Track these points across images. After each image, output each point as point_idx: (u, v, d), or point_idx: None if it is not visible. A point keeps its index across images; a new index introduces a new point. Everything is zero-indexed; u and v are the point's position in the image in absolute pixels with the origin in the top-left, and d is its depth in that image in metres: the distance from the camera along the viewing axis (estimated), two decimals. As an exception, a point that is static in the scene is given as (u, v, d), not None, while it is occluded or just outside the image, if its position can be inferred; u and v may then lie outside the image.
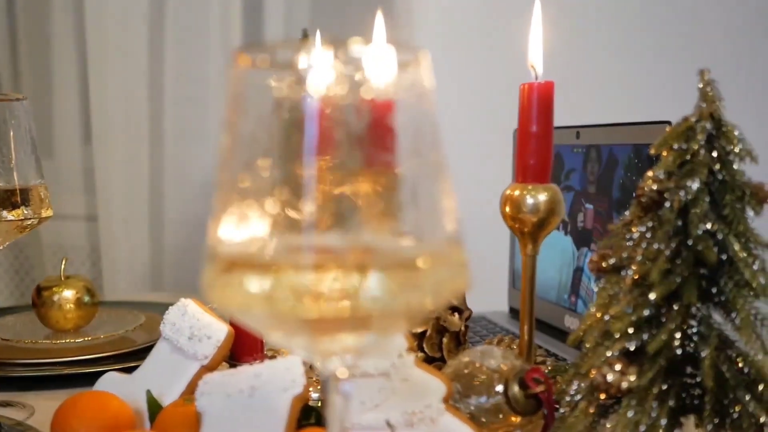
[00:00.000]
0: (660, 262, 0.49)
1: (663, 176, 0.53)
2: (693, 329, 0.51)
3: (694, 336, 0.51)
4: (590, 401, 0.53)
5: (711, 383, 0.48)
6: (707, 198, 0.51)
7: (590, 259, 0.55)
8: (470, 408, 0.57)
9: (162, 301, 0.94)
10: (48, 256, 1.56)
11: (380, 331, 0.36)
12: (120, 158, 1.50)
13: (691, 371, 0.51)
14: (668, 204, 0.51)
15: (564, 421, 0.53)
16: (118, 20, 1.47)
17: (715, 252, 0.50)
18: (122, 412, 0.58)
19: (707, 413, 0.49)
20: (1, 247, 0.70)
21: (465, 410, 0.57)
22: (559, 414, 0.54)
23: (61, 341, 0.86)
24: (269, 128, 0.35)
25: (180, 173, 1.52)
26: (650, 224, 0.52)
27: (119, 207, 1.50)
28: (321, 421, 0.56)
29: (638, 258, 0.51)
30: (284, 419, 0.52)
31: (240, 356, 0.67)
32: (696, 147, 0.52)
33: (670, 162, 0.53)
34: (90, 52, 1.47)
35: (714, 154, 0.52)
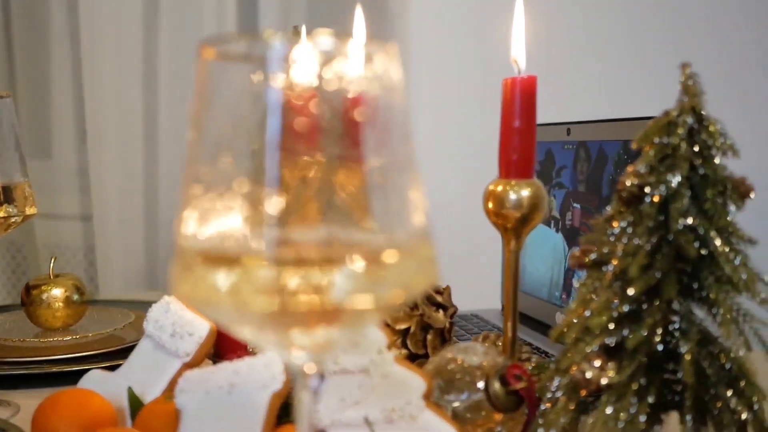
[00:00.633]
0: (640, 257, 0.49)
1: (644, 171, 0.53)
2: (674, 325, 0.51)
3: (676, 332, 0.50)
4: (571, 398, 0.52)
5: (691, 379, 0.48)
6: (688, 192, 0.51)
7: (572, 254, 0.54)
8: (452, 405, 0.56)
9: (155, 300, 0.94)
10: (45, 256, 1.56)
11: (348, 326, 0.36)
12: (114, 158, 1.50)
13: (673, 367, 0.51)
14: (649, 199, 0.51)
15: (544, 418, 0.52)
16: (113, 20, 1.47)
17: (696, 247, 0.49)
18: (103, 410, 0.58)
19: (688, 409, 0.49)
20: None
21: (446, 407, 0.56)
22: (541, 410, 0.54)
23: (50, 339, 0.86)
24: (233, 121, 0.35)
25: (174, 173, 1.52)
26: (631, 219, 0.52)
27: (114, 206, 1.50)
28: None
29: (619, 253, 0.51)
30: (263, 416, 0.51)
31: (224, 353, 0.67)
32: (677, 141, 0.52)
33: (651, 156, 0.53)
34: (84, 52, 1.47)
35: (695, 149, 0.52)
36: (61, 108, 1.52)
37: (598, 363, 0.49)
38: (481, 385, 0.56)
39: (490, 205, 0.60)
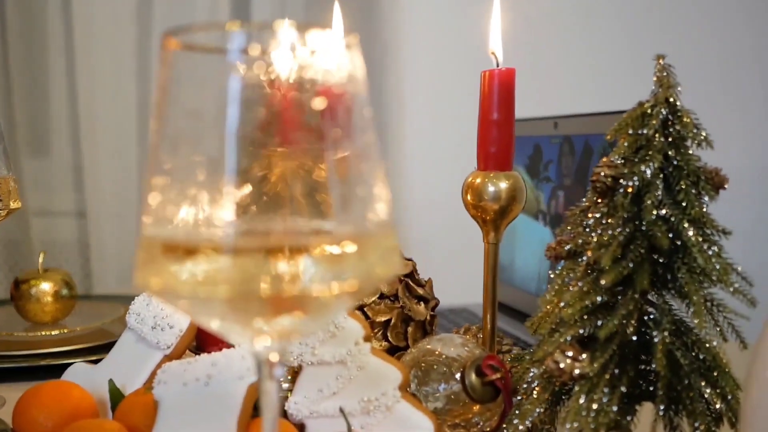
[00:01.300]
0: (612, 248, 0.49)
1: (618, 162, 0.53)
2: (650, 315, 0.51)
3: (650, 322, 0.51)
4: (545, 388, 0.53)
5: (663, 369, 0.48)
6: (661, 183, 0.51)
7: (548, 246, 0.55)
8: (429, 396, 0.56)
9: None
10: (40, 252, 1.57)
11: (312, 315, 0.36)
12: (109, 154, 1.50)
13: (648, 358, 0.51)
14: (622, 190, 0.51)
15: (520, 408, 0.52)
16: (107, 17, 1.48)
17: (669, 237, 0.49)
18: (83, 402, 0.58)
19: (660, 399, 0.49)
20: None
21: (424, 398, 0.56)
22: (516, 401, 0.54)
23: (38, 333, 0.87)
24: (195, 112, 0.35)
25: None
26: (605, 210, 0.52)
27: (108, 203, 1.51)
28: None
29: (593, 244, 0.51)
30: (239, 407, 0.52)
31: (205, 346, 0.67)
32: (651, 132, 0.52)
33: (626, 147, 0.53)
34: (77, 50, 1.47)
35: (669, 140, 0.52)
36: (55, 106, 1.53)
37: (572, 353, 0.49)
38: (458, 377, 0.56)
39: (469, 198, 0.61)
